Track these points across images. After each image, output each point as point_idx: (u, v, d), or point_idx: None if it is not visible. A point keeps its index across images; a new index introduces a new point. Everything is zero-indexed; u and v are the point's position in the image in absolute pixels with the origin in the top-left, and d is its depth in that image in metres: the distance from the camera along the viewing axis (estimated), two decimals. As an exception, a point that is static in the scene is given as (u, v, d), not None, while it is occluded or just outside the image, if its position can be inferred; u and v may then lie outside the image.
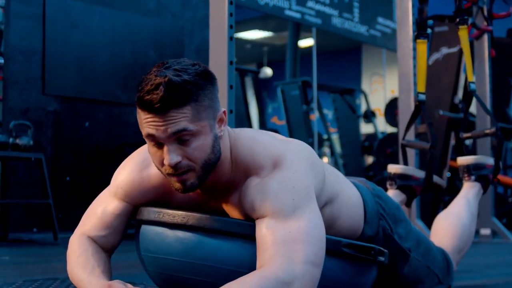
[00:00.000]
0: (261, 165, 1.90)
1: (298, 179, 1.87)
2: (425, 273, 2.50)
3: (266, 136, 1.99)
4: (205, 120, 1.81)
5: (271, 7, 7.49)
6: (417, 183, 3.33)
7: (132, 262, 3.99)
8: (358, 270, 2.09)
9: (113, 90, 7.55)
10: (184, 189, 1.88)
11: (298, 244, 1.77)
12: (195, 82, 1.78)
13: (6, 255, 4.77)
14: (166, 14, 8.14)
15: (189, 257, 1.97)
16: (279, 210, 1.82)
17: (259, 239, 1.82)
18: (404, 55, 4.86)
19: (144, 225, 2.10)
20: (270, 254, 1.77)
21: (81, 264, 2.02)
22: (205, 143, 1.82)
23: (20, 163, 6.70)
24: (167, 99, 1.74)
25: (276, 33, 15.73)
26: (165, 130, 1.77)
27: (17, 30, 6.82)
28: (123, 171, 2.10)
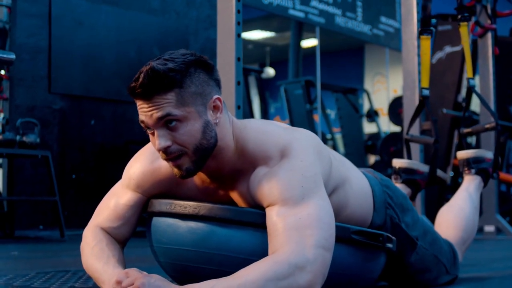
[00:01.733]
0: (269, 155, 1.94)
1: (306, 167, 1.91)
2: (433, 262, 2.53)
3: (273, 126, 2.03)
4: (191, 106, 1.87)
5: (275, 7, 7.53)
6: (422, 177, 3.36)
7: (142, 256, 4.04)
8: (367, 256, 2.13)
9: (119, 88, 7.59)
10: (181, 175, 1.93)
11: (308, 230, 1.81)
12: (179, 70, 1.84)
13: (15, 250, 4.81)
14: (170, 13, 8.18)
15: (202, 247, 2.00)
16: (288, 198, 1.86)
17: (270, 226, 1.85)
18: (409, 52, 4.88)
19: (155, 217, 2.13)
20: (281, 240, 1.80)
21: (96, 255, 2.06)
22: (193, 129, 1.87)
23: (26, 161, 6.73)
24: (147, 86, 1.82)
25: (279, 33, 15.75)
26: (151, 116, 1.85)
27: (24, 28, 6.86)
28: (135, 163, 2.15)
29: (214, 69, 1.94)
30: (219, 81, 1.96)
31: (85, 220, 4.81)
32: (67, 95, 7.19)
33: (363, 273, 2.14)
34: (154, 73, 1.82)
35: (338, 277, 2.03)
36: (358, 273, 2.12)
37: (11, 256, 4.34)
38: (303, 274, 1.75)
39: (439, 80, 6.80)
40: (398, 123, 9.78)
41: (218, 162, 1.97)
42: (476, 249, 4.37)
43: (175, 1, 8.25)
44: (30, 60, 6.89)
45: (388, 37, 9.49)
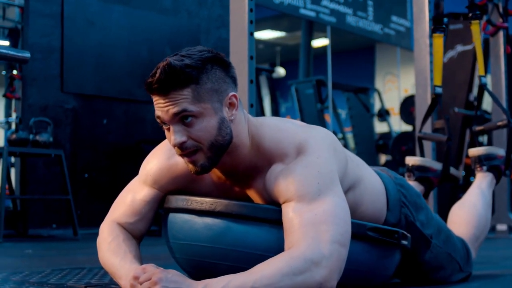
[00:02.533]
0: (285, 152, 1.95)
1: (322, 164, 1.92)
2: (447, 260, 2.54)
3: (289, 124, 2.04)
4: (207, 103, 1.89)
5: (286, 6, 7.54)
6: (435, 174, 3.37)
7: (156, 254, 4.06)
8: (382, 253, 2.14)
9: (131, 88, 7.61)
10: (196, 171, 1.94)
11: (324, 225, 1.82)
12: (196, 66, 1.86)
13: (29, 248, 4.84)
14: (182, 12, 8.20)
15: (218, 243, 2.02)
16: (304, 194, 1.87)
17: (286, 222, 1.87)
18: (421, 51, 4.89)
19: (172, 213, 2.15)
20: (297, 236, 1.82)
21: (113, 250, 2.08)
22: (209, 125, 1.89)
23: (39, 160, 6.76)
24: (164, 81, 1.84)
25: (289, 33, 15.76)
26: (167, 111, 1.87)
27: (36, 28, 6.89)
28: (152, 159, 2.17)
29: (231, 66, 1.95)
30: (235, 78, 1.97)
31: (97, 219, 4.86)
32: (80, 95, 7.22)
33: (378, 269, 2.15)
34: (171, 69, 1.84)
35: (353, 273, 2.04)
36: (373, 269, 2.13)
37: (26, 254, 4.36)
38: (319, 269, 1.76)
39: (450, 79, 6.79)
40: (409, 122, 9.77)
41: (233, 159, 1.99)
42: (488, 248, 4.37)
43: (186, 1, 8.27)
44: (42, 59, 6.92)
45: (399, 36, 9.48)
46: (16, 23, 6.94)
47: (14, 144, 6.03)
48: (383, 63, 16.25)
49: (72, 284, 2.39)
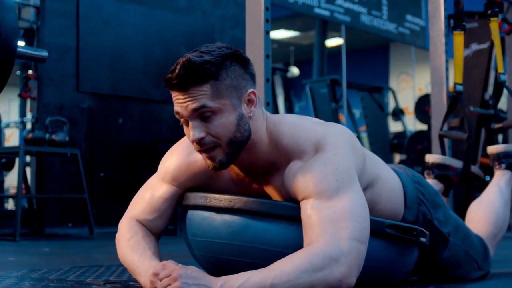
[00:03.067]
0: (303, 149, 1.96)
1: (340, 161, 1.92)
2: (465, 258, 2.54)
3: (307, 121, 2.06)
4: (226, 99, 1.89)
5: (300, 5, 7.53)
6: (455, 172, 3.36)
7: (172, 253, 4.07)
8: (400, 251, 2.14)
9: (146, 87, 7.63)
10: (214, 166, 1.95)
11: (343, 222, 1.83)
12: (216, 62, 1.87)
13: (46, 247, 4.86)
14: (197, 12, 8.21)
15: (237, 240, 2.03)
16: (323, 191, 1.88)
17: (305, 219, 1.87)
18: (436, 49, 4.87)
19: (190, 210, 2.16)
20: (316, 233, 1.82)
21: (132, 247, 2.09)
22: (228, 121, 1.90)
23: (55, 159, 6.79)
24: (184, 77, 1.85)
25: (303, 32, 15.75)
26: (187, 107, 1.88)
27: (52, 28, 6.92)
28: (171, 156, 2.18)
29: (249, 63, 1.96)
30: (254, 75, 1.98)
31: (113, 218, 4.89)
32: (95, 94, 7.24)
33: (396, 267, 2.15)
34: (190, 65, 1.85)
35: (371, 271, 2.05)
36: (391, 267, 2.13)
37: (43, 252, 4.39)
38: (338, 266, 1.77)
39: (466, 78, 6.73)
40: (425, 121, 9.75)
41: (251, 155, 2.00)
42: (506, 246, 4.36)
43: (201, 0, 8.28)
44: (58, 59, 6.94)
45: (413, 35, 9.46)
46: (31, 23, 6.97)
47: (30, 144, 6.06)
48: (397, 62, 16.21)
49: (91, 281, 2.40)
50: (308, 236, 1.85)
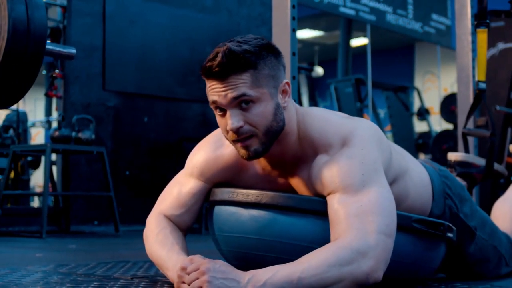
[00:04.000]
0: (330, 143, 1.97)
1: (366, 155, 1.93)
2: (492, 253, 2.52)
3: (334, 115, 2.07)
4: (265, 88, 1.91)
5: (326, 4, 7.53)
6: (478, 170, 3.34)
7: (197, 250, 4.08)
8: (427, 246, 2.13)
9: (172, 86, 7.66)
10: (248, 156, 1.95)
11: (370, 216, 1.83)
12: (254, 52, 1.88)
13: (72, 244, 4.89)
14: (222, 11, 8.23)
15: (264, 235, 2.03)
16: (349, 185, 1.89)
17: (332, 214, 1.88)
18: (463, 48, 4.84)
19: (217, 205, 2.17)
20: (343, 227, 1.83)
21: (160, 241, 2.11)
22: (266, 110, 1.91)
23: (81, 157, 6.83)
24: (225, 65, 1.86)
25: (328, 32, 15.72)
26: (226, 96, 1.88)
27: (78, 27, 6.96)
28: (198, 151, 2.19)
29: (281, 55, 1.99)
30: (285, 67, 2.00)
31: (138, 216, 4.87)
32: (121, 93, 7.28)
33: (423, 262, 2.15)
34: (231, 53, 1.87)
35: (398, 266, 2.04)
36: (418, 262, 2.13)
37: (70, 249, 4.42)
38: (365, 260, 1.78)
39: (492, 77, 6.73)
40: (450, 121, 9.70)
41: (282, 147, 2.01)
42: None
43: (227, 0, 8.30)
44: (84, 58, 6.99)
45: (439, 34, 9.43)
46: (58, 22, 7.02)
47: (57, 141, 6.10)
48: (423, 62, 16.14)
49: (119, 275, 2.42)
50: (335, 231, 1.85)
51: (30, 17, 2.16)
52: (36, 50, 2.19)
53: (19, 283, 2.19)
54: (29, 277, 2.36)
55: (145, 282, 2.22)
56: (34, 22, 2.16)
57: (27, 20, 2.15)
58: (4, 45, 2.13)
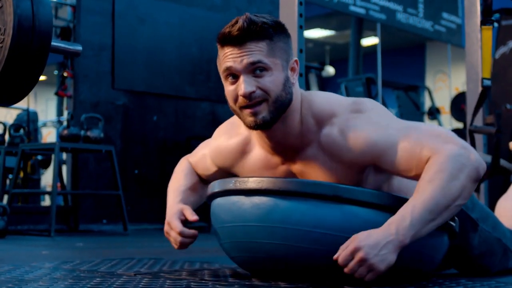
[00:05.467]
0: (335, 112, 2.06)
1: (381, 109, 2.08)
2: (497, 245, 2.50)
3: (336, 95, 2.17)
4: (278, 59, 2.01)
5: (336, 3, 7.51)
6: None
7: (203, 247, 4.08)
8: (430, 233, 2.09)
9: (181, 84, 7.66)
10: (255, 123, 2.02)
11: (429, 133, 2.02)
12: (271, 25, 2.01)
13: (79, 242, 4.90)
14: (232, 9, 8.22)
15: (266, 221, 2.03)
16: (390, 138, 2.01)
17: (401, 163, 2.01)
18: (472, 45, 4.82)
19: (218, 197, 2.17)
20: (427, 151, 1.97)
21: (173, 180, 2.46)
22: (277, 79, 2.00)
23: (90, 156, 6.84)
24: (245, 30, 1.97)
25: (338, 31, 15.70)
26: (242, 61, 1.99)
27: (88, 26, 6.97)
28: (215, 139, 2.34)
29: (290, 37, 2.10)
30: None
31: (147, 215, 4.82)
32: (130, 91, 7.28)
33: (425, 249, 2.10)
34: (251, 21, 1.98)
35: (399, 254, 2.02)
36: (420, 249, 2.09)
37: (77, 247, 4.42)
38: (470, 155, 1.96)
39: (502, 76, 6.69)
40: (460, 119, 9.67)
41: (285, 127, 2.06)
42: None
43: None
44: (94, 56, 6.99)
45: (450, 33, 9.38)
46: (68, 22, 7.03)
47: (65, 140, 6.11)
48: (433, 61, 16.10)
49: (122, 272, 2.41)
50: (420, 162, 1.97)
51: (36, 13, 2.15)
52: (41, 46, 2.18)
53: (21, 279, 2.19)
54: (32, 273, 2.36)
55: (147, 278, 2.21)
56: (39, 18, 2.16)
57: (32, 17, 2.15)
58: (9, 42, 2.12)
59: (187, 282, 2.09)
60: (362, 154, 2.02)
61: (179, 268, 2.61)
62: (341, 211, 1.98)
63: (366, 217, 1.98)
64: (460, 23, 9.46)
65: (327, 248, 1.97)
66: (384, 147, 2.01)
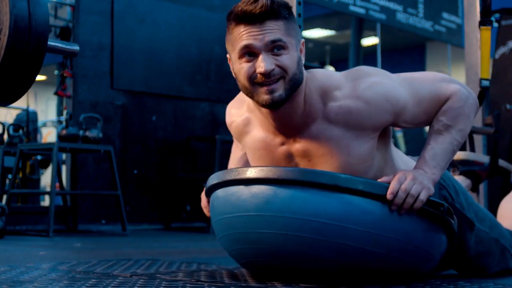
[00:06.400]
0: (338, 85, 2.11)
1: (377, 69, 2.15)
2: (494, 246, 2.49)
3: (332, 71, 2.23)
4: (293, 38, 2.06)
5: (336, 3, 7.51)
6: (481, 168, 3.32)
7: (203, 248, 4.07)
8: (427, 227, 2.08)
9: (180, 84, 7.64)
10: (272, 100, 2.05)
11: (431, 80, 2.17)
12: (286, 6, 2.06)
13: (78, 242, 4.89)
14: (231, 9, 8.20)
15: (265, 211, 2.03)
16: (404, 88, 2.13)
17: (420, 115, 2.16)
18: (472, 45, 4.81)
19: (218, 190, 2.16)
20: (441, 98, 2.13)
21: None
22: (293, 58, 2.05)
23: (89, 156, 6.82)
24: (268, 8, 2.00)
25: (339, 31, 15.68)
26: (263, 39, 2.01)
27: (87, 25, 6.96)
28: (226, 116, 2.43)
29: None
30: None
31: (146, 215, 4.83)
32: (129, 91, 7.26)
33: (424, 245, 2.09)
34: (270, 0, 2.01)
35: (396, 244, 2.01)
36: (420, 244, 2.08)
37: (75, 248, 4.41)
38: (469, 90, 2.19)
39: (502, 76, 6.68)
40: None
41: (292, 106, 2.09)
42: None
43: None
44: (93, 56, 6.98)
45: (450, 33, 9.39)
46: (67, 21, 7.02)
47: (64, 140, 6.10)
48: (434, 61, 16.08)
49: (118, 273, 2.41)
50: (438, 107, 2.15)
51: (32, 13, 2.15)
52: (38, 46, 2.17)
53: (16, 280, 2.18)
54: (27, 274, 2.35)
55: (143, 279, 2.20)
56: (36, 18, 2.15)
57: (28, 16, 2.14)
58: (5, 41, 2.11)
59: (183, 283, 2.08)
60: (386, 111, 2.09)
61: (176, 269, 2.60)
62: (340, 201, 1.97)
63: (365, 207, 1.98)
64: (460, 23, 9.46)
65: (326, 238, 1.96)
66: (404, 100, 2.10)
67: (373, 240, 1.98)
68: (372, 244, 1.98)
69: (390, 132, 2.23)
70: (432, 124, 2.16)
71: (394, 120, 2.12)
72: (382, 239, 1.98)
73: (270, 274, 2.14)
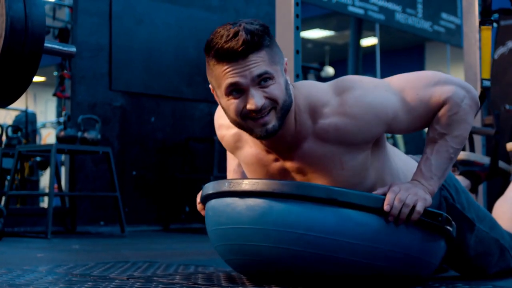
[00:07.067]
0: (327, 100, 2.04)
1: (363, 78, 2.11)
2: (494, 246, 2.48)
3: (315, 82, 2.16)
4: (277, 65, 1.98)
5: (334, 3, 7.49)
6: (481, 168, 3.31)
7: (201, 250, 4.05)
8: (425, 237, 2.07)
9: (178, 85, 7.63)
10: (266, 132, 1.99)
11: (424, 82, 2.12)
12: (264, 31, 1.95)
13: (76, 244, 4.87)
14: (230, 10, 8.19)
15: (259, 224, 2.02)
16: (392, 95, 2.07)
17: (415, 120, 2.10)
18: (471, 46, 4.81)
19: (213, 199, 2.15)
20: (436, 100, 2.08)
21: None
22: (281, 86, 1.97)
23: (87, 157, 6.81)
24: (249, 43, 1.90)
25: (338, 32, 15.66)
26: (249, 75, 1.92)
27: (85, 27, 6.94)
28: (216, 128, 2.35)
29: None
30: None
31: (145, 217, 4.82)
32: (128, 92, 7.25)
33: (422, 254, 2.08)
34: (251, 33, 1.92)
35: (392, 255, 2.00)
36: (417, 254, 2.07)
37: (72, 249, 4.40)
38: (468, 90, 2.13)
39: (502, 76, 6.67)
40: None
41: (283, 127, 2.03)
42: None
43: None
44: (91, 58, 6.97)
45: (449, 33, 9.36)
46: (66, 23, 7.01)
47: (62, 141, 6.08)
48: (433, 61, 16.07)
49: (115, 276, 2.39)
50: (433, 113, 2.10)
51: (28, 14, 2.13)
52: (34, 48, 2.16)
53: (12, 283, 2.17)
54: (23, 277, 2.33)
55: (140, 282, 2.19)
56: (32, 20, 2.14)
57: (25, 18, 2.13)
58: (1, 43, 2.10)
59: (180, 286, 2.07)
60: (376, 124, 2.03)
61: (173, 271, 2.59)
62: (336, 214, 1.96)
63: (361, 220, 1.97)
64: (459, 24, 9.43)
65: (322, 252, 1.95)
66: (393, 110, 2.04)
67: (369, 253, 1.96)
68: (369, 257, 1.97)
69: (384, 137, 2.19)
70: (428, 132, 2.13)
71: (387, 130, 2.09)
72: (378, 251, 1.97)
73: (267, 279, 2.13)
